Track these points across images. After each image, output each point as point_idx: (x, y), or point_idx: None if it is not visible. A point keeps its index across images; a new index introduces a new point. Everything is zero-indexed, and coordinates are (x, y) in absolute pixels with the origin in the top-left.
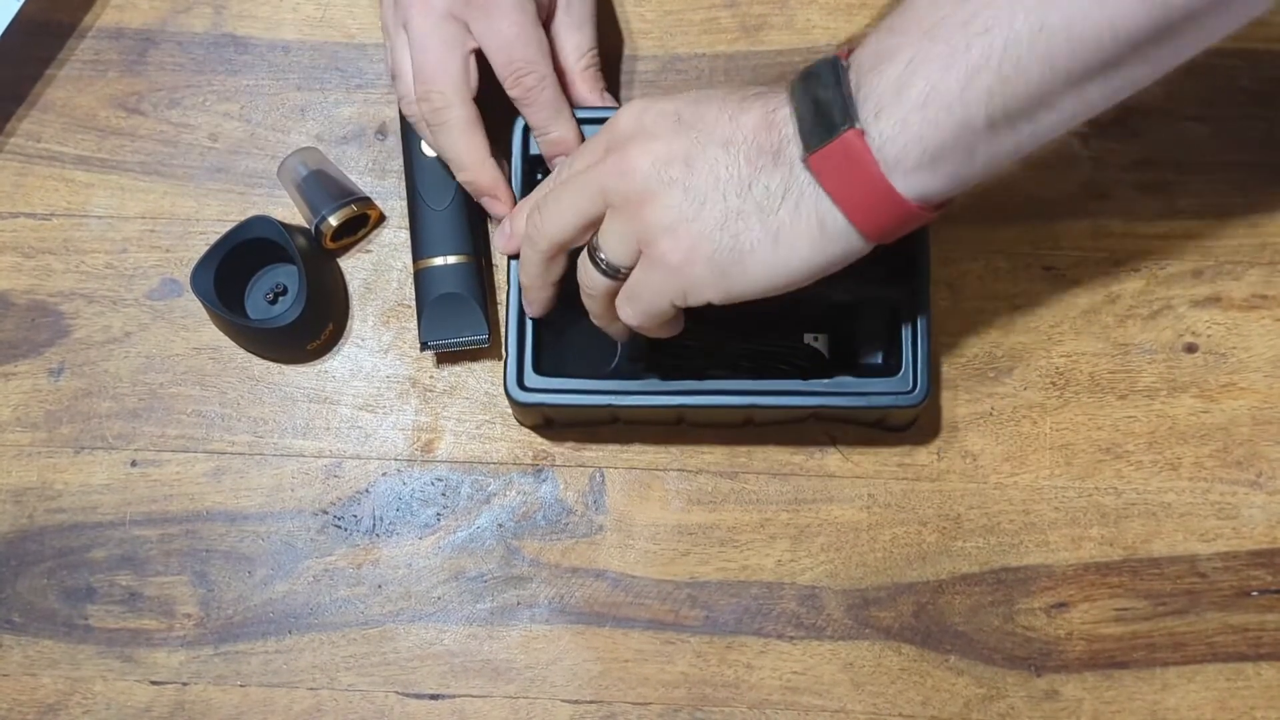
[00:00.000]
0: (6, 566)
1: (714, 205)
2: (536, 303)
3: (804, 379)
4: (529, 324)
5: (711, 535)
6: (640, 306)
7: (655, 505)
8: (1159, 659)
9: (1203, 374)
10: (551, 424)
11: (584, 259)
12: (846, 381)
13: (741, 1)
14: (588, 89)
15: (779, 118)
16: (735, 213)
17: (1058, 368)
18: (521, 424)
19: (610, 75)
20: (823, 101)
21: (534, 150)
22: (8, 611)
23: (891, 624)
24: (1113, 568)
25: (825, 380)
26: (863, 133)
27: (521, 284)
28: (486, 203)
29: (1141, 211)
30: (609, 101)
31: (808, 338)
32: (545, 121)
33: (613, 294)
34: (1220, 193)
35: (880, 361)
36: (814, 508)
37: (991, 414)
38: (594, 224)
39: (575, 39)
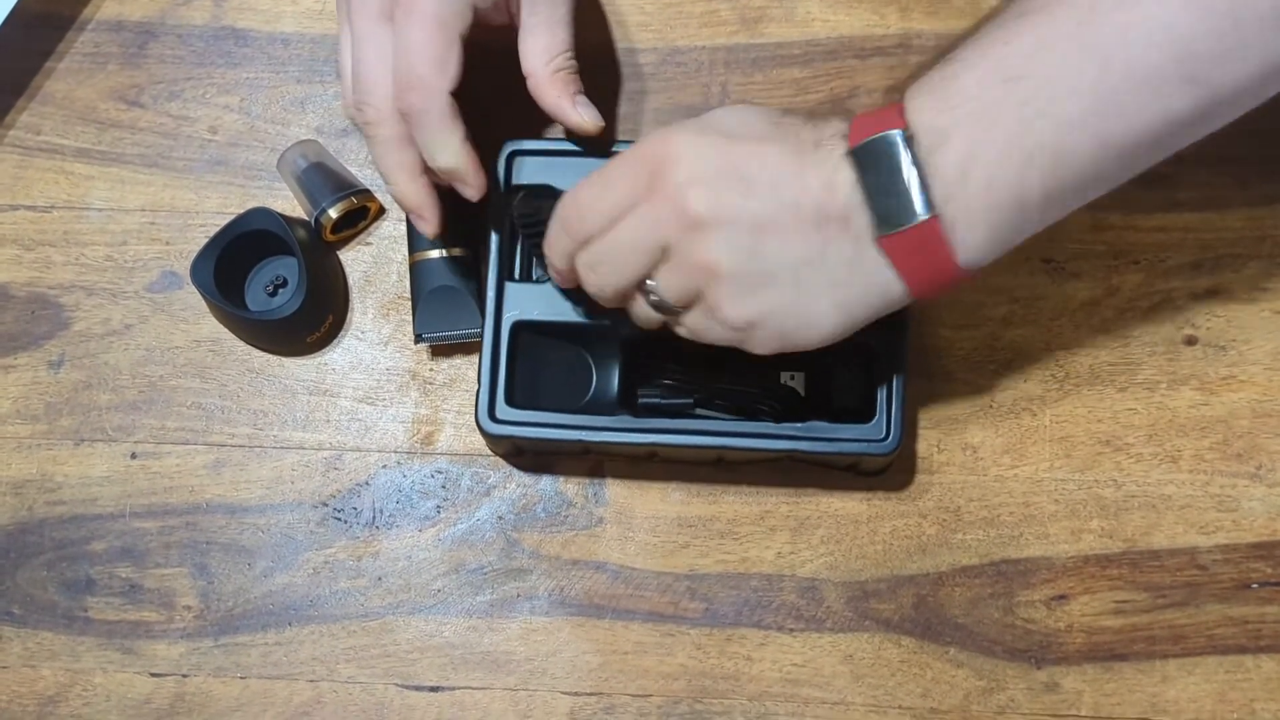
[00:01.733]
0: (6, 559)
1: (785, 279)
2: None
3: (779, 421)
4: (502, 355)
5: (711, 527)
6: (698, 338)
7: (655, 497)
8: (1159, 651)
9: (1203, 366)
10: (523, 453)
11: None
12: (819, 426)
13: None
14: (557, 92)
15: (840, 180)
16: (807, 285)
17: (1057, 360)
18: (493, 452)
19: (610, 69)
20: (896, 182)
21: (517, 178)
22: (7, 603)
23: (891, 616)
24: (1112, 560)
25: (798, 424)
26: (939, 219)
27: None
28: (413, 220)
29: (1141, 204)
30: (583, 106)
31: (784, 376)
32: (426, 145)
33: (663, 323)
34: (1220, 186)
35: (856, 405)
36: (814, 500)
37: (991, 406)
38: (653, 269)
39: (544, 41)
